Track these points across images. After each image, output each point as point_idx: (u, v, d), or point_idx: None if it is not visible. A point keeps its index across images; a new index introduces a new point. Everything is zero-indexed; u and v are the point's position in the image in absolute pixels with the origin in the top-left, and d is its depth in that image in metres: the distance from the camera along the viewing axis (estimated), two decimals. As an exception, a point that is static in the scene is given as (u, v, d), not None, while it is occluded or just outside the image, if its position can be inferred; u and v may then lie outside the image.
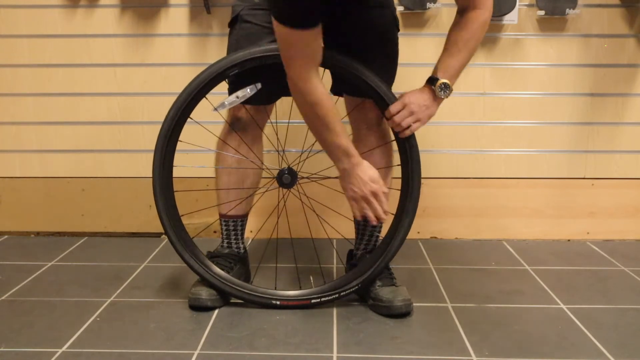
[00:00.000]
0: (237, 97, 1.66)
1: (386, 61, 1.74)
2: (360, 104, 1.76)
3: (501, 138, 2.36)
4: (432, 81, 1.62)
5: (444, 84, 1.60)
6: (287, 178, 1.72)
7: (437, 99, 1.62)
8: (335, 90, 1.83)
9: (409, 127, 1.62)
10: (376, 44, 1.70)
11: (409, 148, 1.66)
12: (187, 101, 1.66)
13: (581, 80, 2.31)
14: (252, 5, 1.70)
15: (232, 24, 1.76)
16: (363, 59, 1.64)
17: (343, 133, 1.57)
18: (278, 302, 1.71)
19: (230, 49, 1.75)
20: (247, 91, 1.66)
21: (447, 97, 1.61)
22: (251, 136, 1.79)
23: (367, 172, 1.59)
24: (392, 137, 1.73)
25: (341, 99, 1.84)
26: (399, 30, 1.78)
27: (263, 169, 1.83)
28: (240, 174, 1.80)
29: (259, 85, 1.63)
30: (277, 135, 1.90)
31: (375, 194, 1.59)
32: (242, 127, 1.78)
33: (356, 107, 1.78)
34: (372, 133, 1.78)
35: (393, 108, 1.63)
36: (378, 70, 1.66)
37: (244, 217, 1.86)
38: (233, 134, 1.78)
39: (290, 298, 1.71)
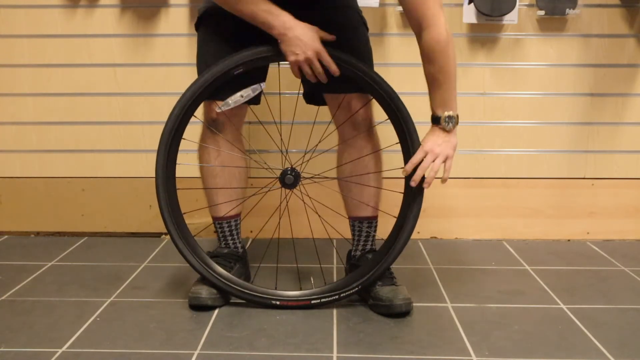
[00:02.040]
0: (242, 96, 1.67)
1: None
2: (343, 103, 1.74)
3: (501, 138, 2.36)
4: (436, 120, 1.61)
5: (448, 116, 1.59)
6: (290, 179, 1.71)
7: (449, 132, 1.61)
8: (312, 97, 1.82)
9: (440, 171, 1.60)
10: (344, 46, 1.65)
11: (412, 151, 1.65)
12: (192, 99, 1.66)
13: (581, 80, 2.31)
14: (212, 4, 1.69)
15: (198, 25, 1.77)
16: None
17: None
18: (278, 302, 1.70)
19: (199, 51, 1.76)
20: (250, 92, 1.66)
21: (456, 125, 1.61)
22: (230, 135, 1.78)
23: (306, 33, 1.56)
24: (377, 136, 1.73)
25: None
26: (367, 29, 1.77)
27: (249, 168, 1.83)
28: (226, 174, 1.80)
29: (263, 85, 1.62)
30: (281, 135, 1.90)
31: (318, 54, 1.57)
32: (219, 128, 1.77)
33: (340, 107, 1.75)
34: (358, 133, 1.76)
35: (415, 158, 1.60)
36: None
37: (236, 217, 1.86)
38: (211, 136, 1.78)
39: (291, 298, 1.71)
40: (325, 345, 1.51)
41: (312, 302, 1.70)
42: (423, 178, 1.62)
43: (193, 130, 1.78)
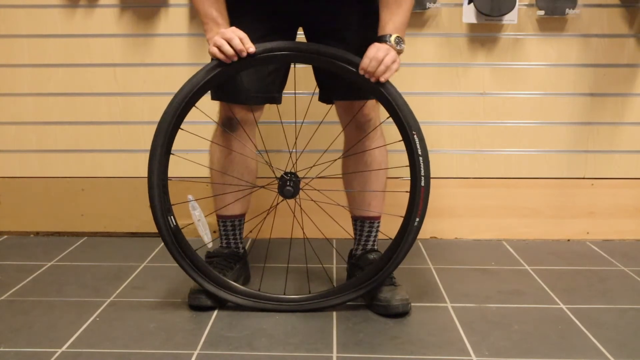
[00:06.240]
0: (198, 218, 1.73)
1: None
2: (348, 106, 1.77)
3: (501, 138, 2.36)
4: (384, 39, 1.60)
5: (398, 37, 1.60)
6: (290, 191, 1.68)
7: (396, 51, 1.60)
8: (325, 98, 1.84)
9: (385, 72, 1.58)
10: (358, 35, 1.68)
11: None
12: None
13: (581, 80, 2.31)
14: None
15: None
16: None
17: (215, 4, 1.63)
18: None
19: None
20: (191, 208, 1.74)
21: (402, 49, 1.61)
22: (243, 136, 1.79)
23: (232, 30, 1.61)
24: (383, 137, 1.74)
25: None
26: None
27: (258, 163, 1.83)
28: (235, 173, 1.80)
29: (190, 197, 1.72)
30: (285, 135, 1.90)
31: (230, 40, 1.60)
32: (233, 127, 1.78)
33: (344, 110, 1.79)
34: (362, 133, 1.78)
35: (364, 63, 1.58)
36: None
37: (240, 217, 1.86)
38: (224, 134, 1.79)
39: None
40: (325, 345, 1.51)
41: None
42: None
43: (195, 131, 1.78)
